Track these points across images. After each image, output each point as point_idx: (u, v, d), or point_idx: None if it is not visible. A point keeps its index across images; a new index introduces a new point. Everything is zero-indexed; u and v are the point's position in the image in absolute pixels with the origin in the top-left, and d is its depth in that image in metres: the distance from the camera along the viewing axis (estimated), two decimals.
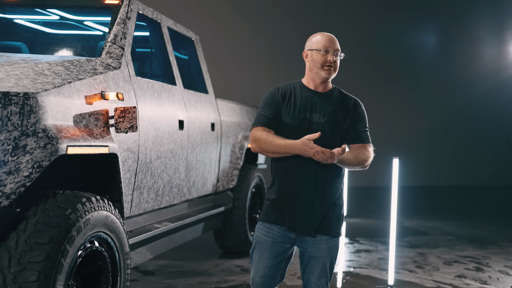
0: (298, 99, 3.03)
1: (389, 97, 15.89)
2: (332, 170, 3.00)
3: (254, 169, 6.46)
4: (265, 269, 3.04)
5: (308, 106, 3.01)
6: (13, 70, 2.97)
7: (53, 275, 2.65)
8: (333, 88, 3.11)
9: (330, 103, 3.03)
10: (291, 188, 3.00)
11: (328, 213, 3.00)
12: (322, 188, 2.98)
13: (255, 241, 3.09)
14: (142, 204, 4.01)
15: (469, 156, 17.61)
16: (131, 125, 3.30)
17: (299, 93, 3.05)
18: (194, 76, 5.53)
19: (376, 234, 8.14)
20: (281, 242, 3.03)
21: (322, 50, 3.00)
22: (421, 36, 17.04)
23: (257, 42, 13.97)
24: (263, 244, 3.05)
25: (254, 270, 3.07)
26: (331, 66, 3.00)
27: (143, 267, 5.58)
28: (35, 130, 2.71)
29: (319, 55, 3.00)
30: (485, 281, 5.69)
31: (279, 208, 3.03)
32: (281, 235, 3.03)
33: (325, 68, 3.00)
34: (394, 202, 5.25)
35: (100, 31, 4.50)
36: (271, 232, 3.04)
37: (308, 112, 3.00)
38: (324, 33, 3.07)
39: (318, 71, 3.01)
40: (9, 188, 2.64)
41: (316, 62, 3.01)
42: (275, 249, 3.03)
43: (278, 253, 3.04)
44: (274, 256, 3.04)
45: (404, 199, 8.60)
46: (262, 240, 3.06)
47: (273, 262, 3.04)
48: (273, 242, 3.03)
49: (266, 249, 3.04)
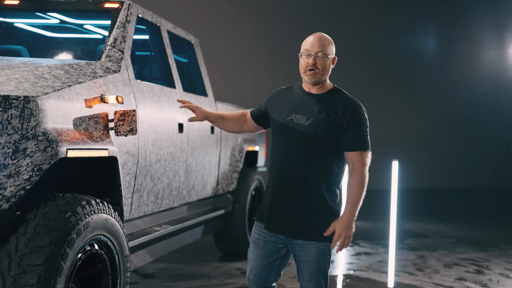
0: (290, 100, 3.05)
1: (388, 100, 15.88)
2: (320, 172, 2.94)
3: (254, 172, 6.47)
4: (258, 268, 3.08)
5: (296, 107, 3.01)
6: (13, 73, 2.98)
7: (53, 278, 2.65)
8: (332, 89, 3.03)
9: (318, 105, 2.96)
10: (275, 190, 3.03)
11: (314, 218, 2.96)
12: (305, 192, 2.95)
13: (251, 240, 3.15)
14: (141, 207, 4.02)
15: (468, 158, 17.60)
16: (131, 128, 3.31)
17: (295, 94, 3.07)
18: (193, 79, 5.54)
19: (376, 236, 8.14)
20: (272, 241, 3.06)
21: (302, 54, 2.98)
22: (420, 38, 17.05)
23: (257, 45, 13.99)
24: (256, 243, 3.10)
25: (249, 268, 3.13)
26: (313, 70, 2.93)
27: (143, 270, 5.59)
28: (35, 134, 2.71)
29: (301, 59, 2.99)
30: (485, 283, 5.69)
31: (267, 210, 3.07)
32: (272, 235, 3.06)
33: (307, 73, 2.96)
34: (394, 205, 5.25)
35: (100, 35, 4.52)
36: (263, 231, 3.08)
37: (294, 113, 3.00)
38: (313, 35, 2.99)
39: (303, 75, 3.00)
40: (9, 191, 2.64)
41: (300, 66, 3.00)
42: (268, 248, 3.06)
43: (270, 252, 3.07)
44: (266, 255, 3.07)
45: (404, 201, 8.60)
46: (255, 239, 3.11)
47: (266, 261, 3.07)
48: (265, 241, 3.07)
49: (259, 247, 3.08)
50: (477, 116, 17.71)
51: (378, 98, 15.40)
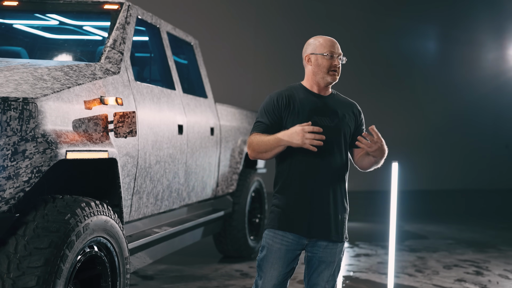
0: (305, 103, 2.98)
1: (388, 101, 15.88)
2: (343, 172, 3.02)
3: (254, 174, 6.46)
4: (278, 277, 2.97)
5: (314, 109, 2.97)
6: (12, 75, 2.98)
7: (52, 280, 2.65)
8: (333, 92, 3.11)
9: (337, 107, 3.04)
10: (307, 194, 2.94)
11: (342, 219, 3.01)
12: (336, 191, 2.99)
13: (267, 249, 2.98)
14: (141, 209, 4.01)
15: (468, 160, 17.60)
16: (130, 130, 3.30)
17: (304, 96, 3.01)
18: (193, 81, 5.53)
19: (376, 238, 8.14)
20: (294, 249, 2.98)
21: (327, 54, 2.97)
22: (420, 40, 17.06)
23: (257, 47, 13.99)
24: (276, 253, 2.96)
25: (267, 278, 2.97)
26: (336, 71, 3.00)
27: (143, 272, 5.58)
28: (34, 135, 2.71)
29: (325, 59, 2.97)
30: (484, 285, 5.69)
31: (293, 215, 2.95)
32: (295, 242, 2.97)
33: (330, 73, 2.98)
34: (394, 206, 5.24)
35: (99, 36, 4.51)
36: (285, 240, 2.96)
37: (317, 116, 2.96)
38: (326, 37, 3.03)
39: (324, 75, 2.98)
40: (8, 193, 2.64)
41: (322, 66, 2.98)
42: (288, 256, 2.97)
43: (290, 260, 2.99)
44: (287, 264, 2.98)
45: (404, 203, 8.59)
46: (275, 248, 2.96)
47: (286, 270, 2.99)
48: (287, 250, 2.96)
49: (280, 257, 2.96)
50: (477, 118, 17.71)
51: (378, 99, 15.40)
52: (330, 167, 2.95)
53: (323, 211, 2.95)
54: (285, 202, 2.96)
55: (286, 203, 2.96)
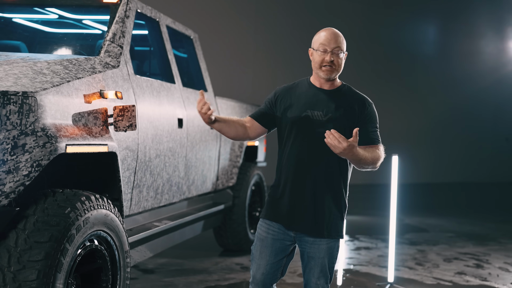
0: (302, 97, 3.00)
1: (388, 94, 15.88)
2: (337, 167, 2.97)
3: (254, 167, 6.47)
4: (266, 266, 3.02)
5: (311, 103, 2.97)
6: (12, 69, 2.98)
7: (52, 274, 2.65)
8: (341, 85, 3.04)
9: (334, 101, 2.98)
10: (291, 186, 2.98)
11: (329, 215, 2.97)
12: (323, 189, 2.95)
13: (256, 237, 3.08)
14: (141, 203, 4.01)
15: (468, 153, 17.61)
16: (130, 124, 3.30)
17: (304, 90, 3.02)
18: (193, 74, 5.53)
19: (376, 231, 8.15)
20: (281, 239, 3.02)
21: (320, 50, 2.94)
22: (420, 33, 17.04)
23: (256, 40, 13.97)
24: (264, 241, 3.03)
25: (255, 267, 3.05)
26: (329, 66, 2.93)
27: (143, 266, 5.59)
28: (34, 129, 2.71)
29: (317, 54, 2.95)
30: (485, 277, 5.70)
31: (278, 206, 3.01)
32: (281, 232, 3.01)
33: (322, 69, 2.94)
34: (394, 200, 5.25)
35: (99, 30, 4.50)
36: (271, 229, 3.02)
37: (310, 109, 2.96)
38: (327, 30, 2.98)
39: (317, 71, 2.97)
40: (8, 187, 2.64)
41: (315, 62, 2.97)
42: (276, 246, 3.02)
43: (279, 250, 3.02)
44: (275, 253, 3.02)
45: (404, 196, 8.60)
46: (262, 237, 3.04)
47: (274, 259, 3.02)
48: (274, 239, 3.01)
49: (267, 246, 3.02)
50: (477, 111, 17.71)
51: (378, 93, 15.38)
52: (320, 161, 2.92)
53: (303, 205, 2.96)
54: (273, 193, 3.06)
55: (274, 195, 3.05)
